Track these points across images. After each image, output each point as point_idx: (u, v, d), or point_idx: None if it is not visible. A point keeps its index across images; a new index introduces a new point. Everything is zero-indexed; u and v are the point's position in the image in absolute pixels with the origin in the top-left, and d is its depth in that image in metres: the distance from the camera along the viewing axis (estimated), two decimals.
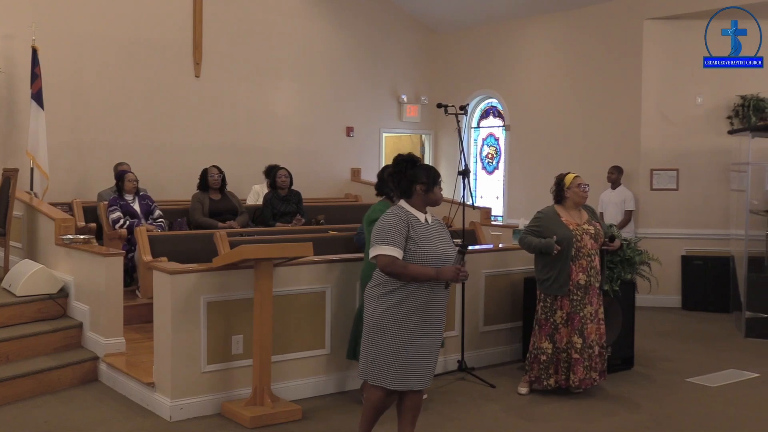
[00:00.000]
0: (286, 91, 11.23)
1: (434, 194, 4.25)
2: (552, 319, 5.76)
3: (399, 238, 4.08)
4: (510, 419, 5.35)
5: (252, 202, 9.67)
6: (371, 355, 4.15)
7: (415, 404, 4.32)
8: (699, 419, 5.38)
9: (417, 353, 4.11)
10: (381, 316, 4.11)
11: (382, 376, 4.12)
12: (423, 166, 4.32)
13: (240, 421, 5.05)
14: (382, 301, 4.12)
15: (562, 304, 5.74)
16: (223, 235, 7.08)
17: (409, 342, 4.09)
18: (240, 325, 5.33)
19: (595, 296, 5.79)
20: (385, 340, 4.09)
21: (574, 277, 5.70)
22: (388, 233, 4.10)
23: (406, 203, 4.26)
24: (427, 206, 4.29)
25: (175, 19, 10.24)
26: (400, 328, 4.08)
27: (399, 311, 4.08)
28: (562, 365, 5.75)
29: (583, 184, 5.86)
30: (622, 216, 9.40)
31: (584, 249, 5.72)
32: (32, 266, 6.47)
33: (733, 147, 9.28)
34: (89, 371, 5.96)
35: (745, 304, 7.98)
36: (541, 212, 5.90)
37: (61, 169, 9.29)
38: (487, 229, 8.52)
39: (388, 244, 4.07)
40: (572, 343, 5.71)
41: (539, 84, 11.14)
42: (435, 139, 12.76)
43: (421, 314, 4.11)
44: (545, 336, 5.77)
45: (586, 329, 5.72)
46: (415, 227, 4.14)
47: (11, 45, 9.15)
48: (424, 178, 4.23)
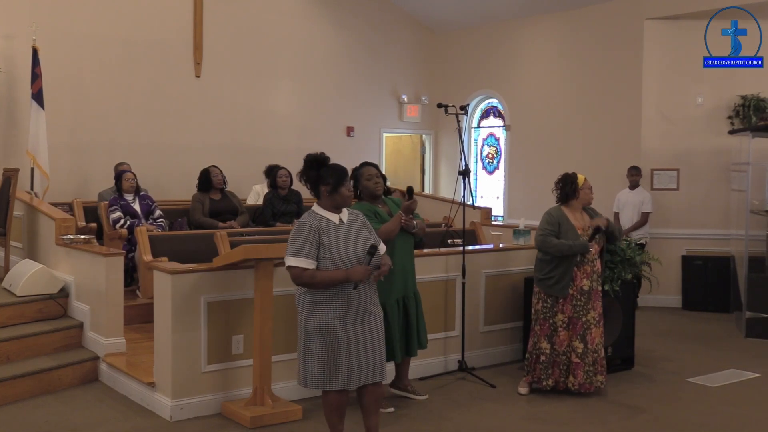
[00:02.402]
0: (286, 91, 11.23)
1: (340, 195, 4.19)
2: (551, 321, 5.75)
3: (308, 248, 4.07)
4: (510, 419, 5.35)
5: (252, 202, 9.67)
6: (308, 361, 4.16)
7: (375, 397, 4.32)
8: (699, 419, 5.37)
9: (353, 352, 4.13)
10: (312, 322, 4.13)
11: (323, 380, 4.15)
12: (331, 166, 4.26)
13: (240, 421, 5.05)
14: (311, 308, 4.14)
15: (563, 307, 5.70)
16: (223, 235, 7.08)
17: (344, 343, 4.12)
18: (240, 325, 5.33)
19: (597, 299, 5.78)
20: (320, 345, 4.11)
21: (578, 283, 5.69)
22: (296, 244, 4.10)
23: (318, 206, 4.24)
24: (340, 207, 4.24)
25: (175, 19, 10.25)
26: (332, 332, 4.11)
27: (328, 316, 4.11)
28: (561, 367, 5.74)
29: (587, 186, 5.86)
30: (639, 217, 9.38)
31: (589, 255, 5.72)
32: (33, 266, 6.47)
33: (733, 147, 9.28)
34: (89, 371, 5.96)
35: (745, 304, 7.98)
36: (551, 214, 5.80)
37: (62, 169, 9.29)
38: (488, 229, 8.52)
39: (297, 255, 4.07)
40: (573, 347, 5.70)
41: (539, 84, 11.14)
42: (435, 139, 12.77)
43: (350, 316, 4.13)
44: (544, 336, 5.76)
45: (589, 334, 5.71)
46: (327, 232, 4.12)
47: (11, 45, 9.15)
48: (329, 179, 4.18)
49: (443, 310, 6.34)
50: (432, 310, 6.12)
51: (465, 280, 6.26)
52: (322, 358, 4.13)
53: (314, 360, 4.15)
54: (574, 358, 5.69)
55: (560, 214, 5.79)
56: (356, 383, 4.20)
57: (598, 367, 5.73)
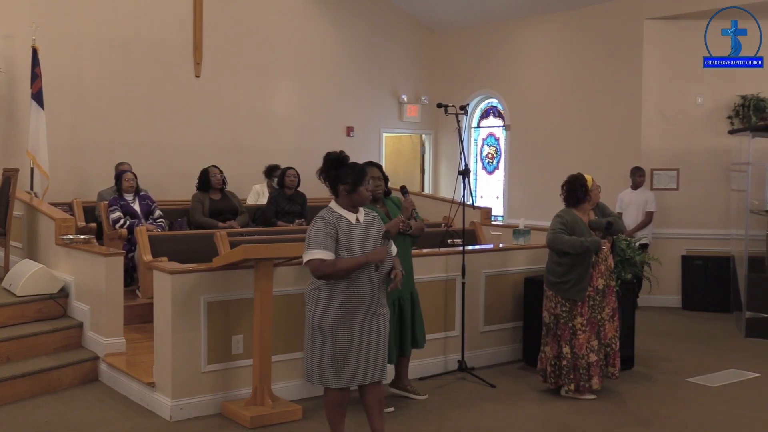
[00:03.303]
0: (286, 91, 11.23)
1: (359, 195, 4.23)
2: (571, 324, 5.67)
3: (327, 240, 4.10)
4: (510, 419, 5.35)
5: (252, 202, 9.67)
6: (315, 357, 4.19)
7: (377, 397, 4.34)
8: (699, 419, 5.37)
9: (358, 351, 4.16)
10: (320, 318, 4.15)
11: (327, 377, 4.18)
12: (350, 165, 4.29)
13: (240, 421, 5.05)
14: (320, 305, 4.16)
15: (582, 310, 5.65)
16: (223, 235, 7.09)
17: (351, 342, 4.13)
18: (240, 325, 5.33)
19: (611, 295, 5.79)
20: (326, 341, 4.14)
21: (594, 283, 5.68)
22: (315, 237, 4.13)
23: (335, 204, 4.27)
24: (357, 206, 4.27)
25: (175, 19, 10.24)
26: (341, 330, 4.13)
27: (339, 314, 4.13)
28: (580, 370, 5.68)
29: (596, 186, 5.86)
30: (643, 217, 9.37)
31: (602, 254, 5.71)
32: (32, 266, 6.47)
33: (733, 147, 9.28)
34: (89, 371, 5.96)
35: (745, 304, 7.98)
36: (563, 216, 5.72)
37: (61, 169, 9.29)
38: (488, 229, 8.51)
39: (316, 248, 4.10)
40: (591, 346, 5.67)
41: (539, 84, 11.14)
42: (435, 139, 12.76)
43: (358, 315, 4.15)
44: (565, 341, 5.69)
45: (603, 330, 5.72)
46: (344, 230, 4.15)
47: (11, 45, 9.15)
48: (348, 178, 4.22)
49: (443, 310, 6.34)
50: (432, 310, 6.13)
51: (465, 280, 6.26)
52: (326, 355, 4.16)
53: (319, 356, 4.18)
54: (592, 357, 5.65)
55: (572, 215, 5.71)
56: (358, 381, 4.22)
57: (611, 360, 5.74)
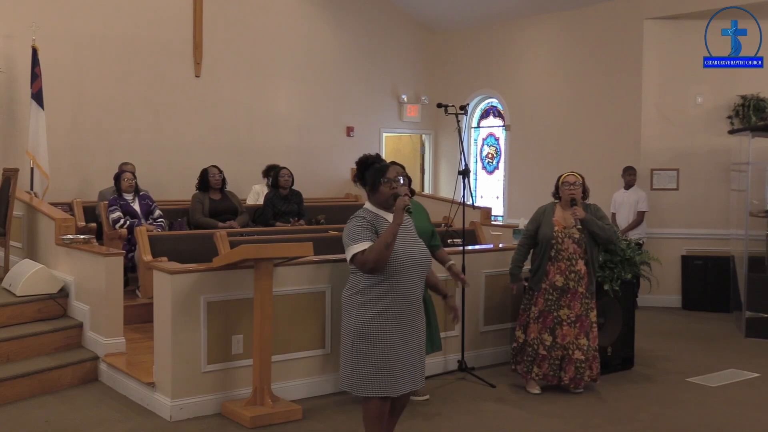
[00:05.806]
0: (286, 91, 11.23)
1: (381, 194, 4.18)
2: (527, 313, 5.98)
3: (364, 232, 4.06)
4: (510, 419, 5.35)
5: (252, 202, 9.67)
6: (356, 365, 4.05)
7: (404, 403, 4.32)
8: (699, 419, 5.38)
9: (403, 357, 4.07)
10: (364, 324, 4.04)
11: (372, 385, 4.04)
12: (373, 166, 4.27)
13: (240, 421, 5.05)
14: (363, 310, 4.05)
15: (537, 301, 5.90)
16: (223, 235, 7.09)
17: (395, 347, 4.04)
18: (240, 325, 5.33)
19: (576, 300, 5.79)
20: (371, 348, 4.02)
21: (551, 278, 5.83)
22: (352, 233, 4.09)
23: (369, 204, 4.25)
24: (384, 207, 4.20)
25: (175, 18, 10.24)
26: (384, 334, 4.03)
27: (382, 318, 4.03)
28: (527, 357, 5.89)
29: (567, 182, 5.87)
30: (635, 217, 9.37)
31: (564, 252, 5.81)
32: (32, 266, 6.47)
33: (733, 147, 9.28)
34: (89, 371, 5.96)
35: (745, 304, 7.98)
36: (541, 207, 6.07)
37: (61, 169, 9.29)
38: (487, 229, 8.51)
39: (356, 243, 4.06)
40: (541, 339, 5.84)
41: (539, 84, 11.14)
42: (435, 139, 12.76)
43: (403, 319, 4.07)
44: (520, 326, 6.02)
45: (559, 330, 5.80)
46: (382, 225, 4.12)
47: (11, 45, 9.15)
48: (369, 179, 4.22)
49: (443, 310, 6.32)
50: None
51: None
52: (371, 362, 4.02)
53: (364, 363, 4.03)
54: (542, 351, 5.84)
55: (548, 208, 6.03)
56: (400, 390, 4.09)
57: (565, 365, 5.78)
